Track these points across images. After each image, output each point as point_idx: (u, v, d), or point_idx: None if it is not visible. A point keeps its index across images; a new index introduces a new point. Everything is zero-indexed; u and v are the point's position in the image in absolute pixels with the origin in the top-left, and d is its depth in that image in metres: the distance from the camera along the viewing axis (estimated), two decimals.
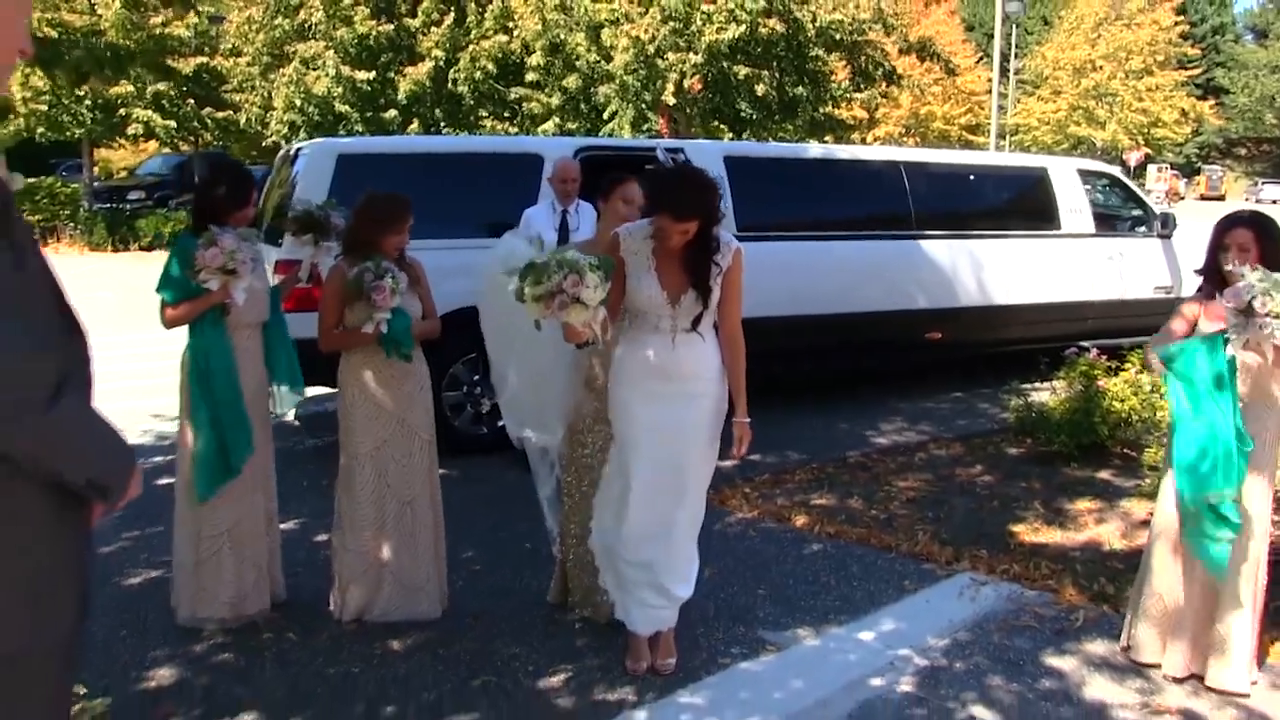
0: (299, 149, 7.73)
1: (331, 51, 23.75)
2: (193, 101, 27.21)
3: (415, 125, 24.62)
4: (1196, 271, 4.26)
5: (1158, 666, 4.14)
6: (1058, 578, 5.13)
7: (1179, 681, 4.05)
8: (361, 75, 23.47)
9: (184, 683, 4.06)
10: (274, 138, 26.32)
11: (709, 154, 8.37)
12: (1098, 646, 4.40)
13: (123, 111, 26.11)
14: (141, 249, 24.95)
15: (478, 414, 7.51)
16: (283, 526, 5.17)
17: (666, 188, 3.93)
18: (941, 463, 7.42)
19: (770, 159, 9.25)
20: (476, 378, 7.40)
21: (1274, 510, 4.24)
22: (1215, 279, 4.06)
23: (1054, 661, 4.27)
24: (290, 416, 6.93)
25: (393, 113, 24.19)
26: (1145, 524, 4.86)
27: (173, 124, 26.41)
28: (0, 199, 1.93)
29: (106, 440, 2.07)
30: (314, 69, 24.58)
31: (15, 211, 1.95)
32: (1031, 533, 5.89)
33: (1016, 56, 58.07)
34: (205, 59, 27.05)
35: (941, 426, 8.50)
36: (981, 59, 59.55)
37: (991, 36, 41.07)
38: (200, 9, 25.23)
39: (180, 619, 4.58)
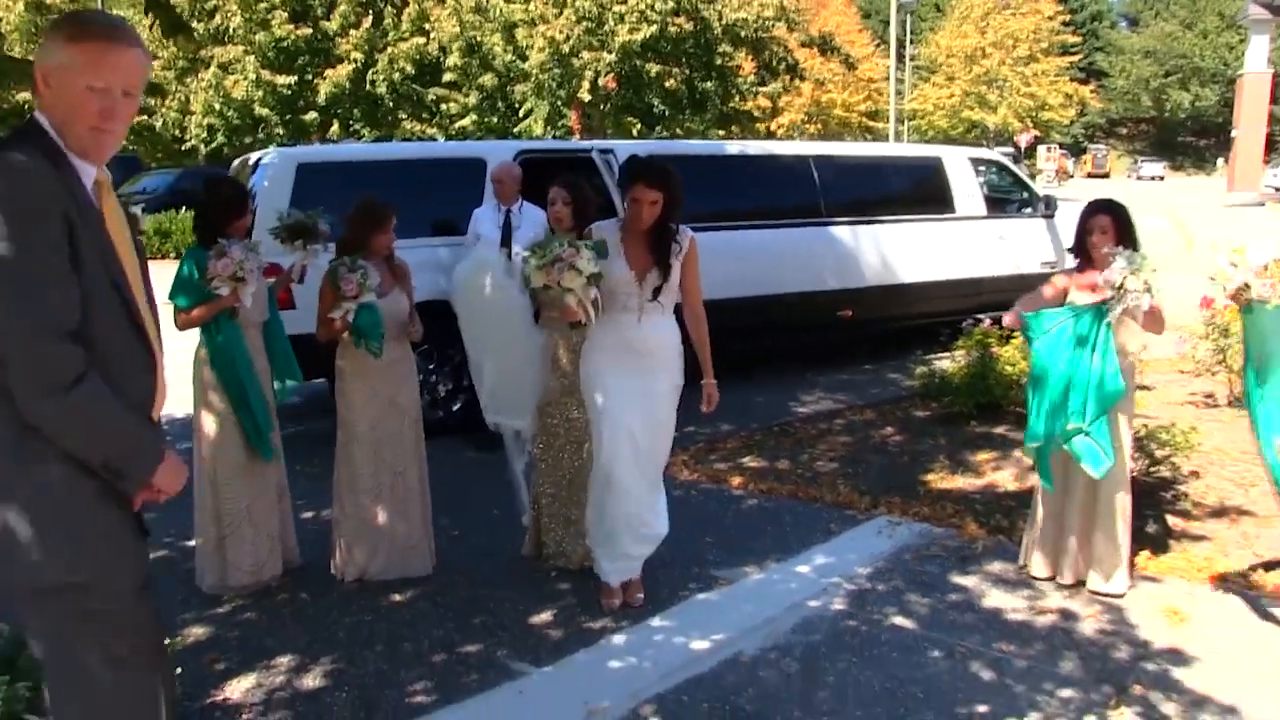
0: (259, 159, 8.17)
1: (251, 56, 23.96)
2: None
3: (335, 127, 24.92)
4: (1069, 250, 5.03)
5: (1052, 579, 4.90)
6: (961, 516, 5.88)
7: (1068, 588, 4.81)
8: (282, 80, 23.74)
9: (217, 638, 4.56)
10: (192, 141, 26.38)
11: (635, 151, 9.03)
12: (994, 568, 5.14)
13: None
14: None
15: (434, 399, 8.02)
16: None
17: (641, 164, 4.62)
18: (857, 427, 8.14)
19: (692, 156, 9.85)
20: (431, 366, 7.91)
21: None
22: (1083, 255, 4.85)
23: (958, 580, 5.01)
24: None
25: (313, 115, 24.48)
26: (1034, 468, 5.64)
27: None
28: (68, 209, 2.29)
29: (126, 432, 2.42)
30: (232, 73, 24.71)
31: (86, 231, 2.33)
32: (938, 481, 6.64)
33: (912, 43, 59.44)
34: None
35: (855, 395, 9.22)
36: (879, 45, 60.92)
37: (888, 24, 42.25)
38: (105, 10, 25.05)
39: (206, 587, 5.05)
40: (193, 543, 5.30)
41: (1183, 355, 8.70)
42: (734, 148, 10.68)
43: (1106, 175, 72.19)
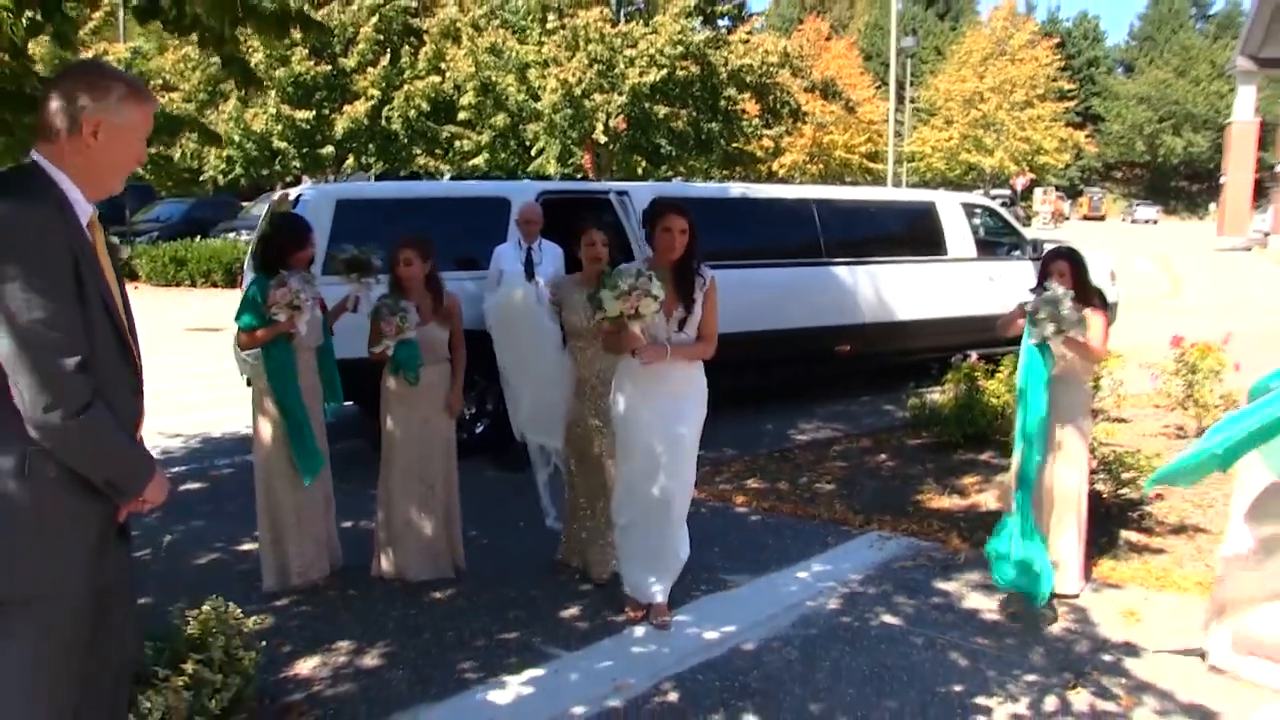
0: (299, 195, 8.74)
1: (272, 91, 24.63)
2: None
3: (350, 161, 25.58)
4: (1030, 290, 5.61)
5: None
6: (946, 532, 6.45)
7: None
8: (301, 114, 24.39)
9: (279, 627, 5.04)
10: (210, 172, 27.01)
11: (649, 194, 9.62)
12: (974, 576, 5.67)
13: None
14: None
15: (459, 423, 8.53)
16: None
17: (668, 199, 5.15)
18: (852, 453, 8.69)
19: (701, 199, 10.44)
20: None
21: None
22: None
23: (941, 586, 5.56)
24: None
25: (329, 149, 25.14)
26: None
27: None
28: (74, 249, 2.52)
29: (124, 453, 2.64)
30: (252, 107, 25.38)
31: (85, 267, 2.55)
32: (926, 501, 7.20)
33: (912, 85, 60.28)
34: None
35: (851, 424, 9.78)
36: (880, 87, 61.75)
37: (888, 65, 42.98)
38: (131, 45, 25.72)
39: (266, 587, 5.52)
40: (245, 547, 5.85)
41: (1158, 391, 9.27)
42: (738, 190, 11.26)
43: (1102, 218, 72.98)
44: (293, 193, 9.14)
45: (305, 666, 4.58)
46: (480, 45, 23.54)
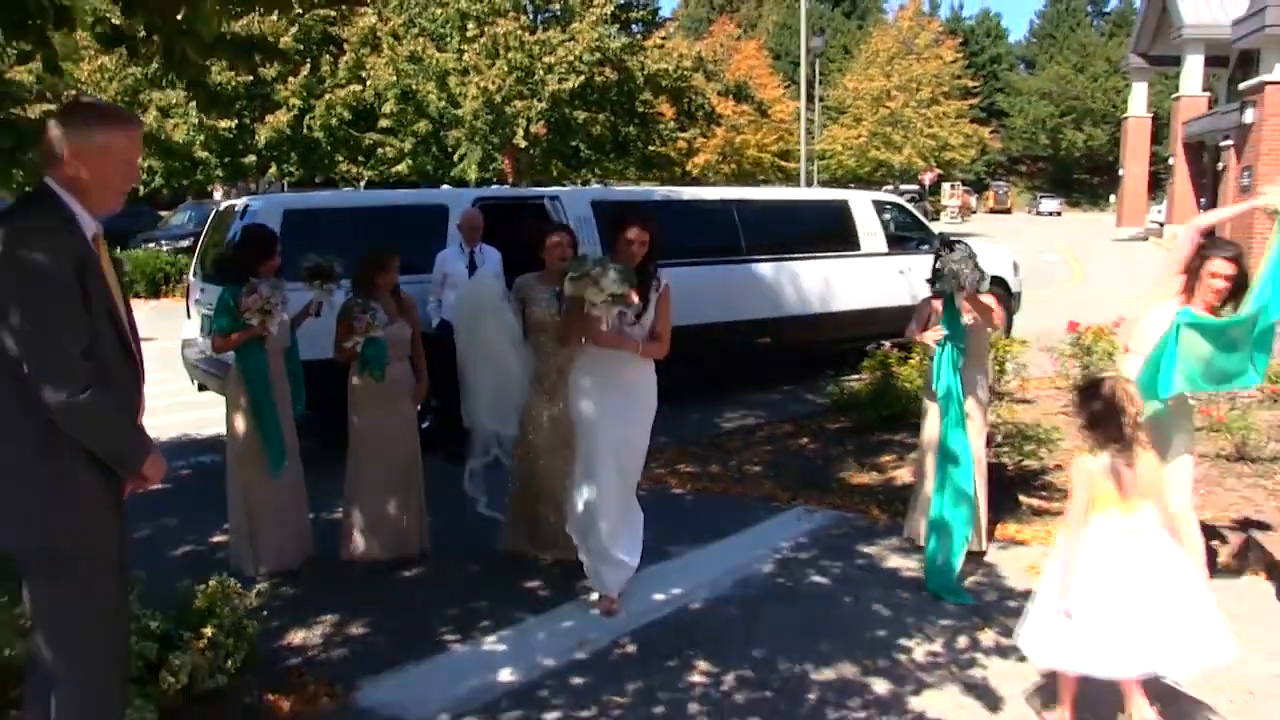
0: (247, 205, 9.09)
1: (192, 101, 24.60)
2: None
3: (273, 169, 25.67)
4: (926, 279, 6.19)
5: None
6: (866, 504, 7.04)
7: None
8: (224, 124, 24.40)
9: (265, 606, 5.37)
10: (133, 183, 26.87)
11: (580, 199, 10.15)
12: (893, 541, 6.27)
13: None
14: None
15: None
16: None
17: (632, 211, 5.63)
18: (777, 437, 9.26)
19: (627, 201, 11.00)
20: None
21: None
22: None
23: (864, 550, 6.15)
24: None
25: (251, 158, 25.19)
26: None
27: (19, 171, 26.45)
28: (79, 259, 2.91)
29: (123, 430, 3.05)
30: (172, 117, 25.34)
31: (89, 276, 2.94)
32: (848, 478, 7.79)
33: (821, 84, 61.36)
34: (50, 106, 27.13)
35: (774, 412, 10.35)
36: (789, 87, 62.70)
37: (797, 64, 43.82)
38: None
39: (242, 573, 5.82)
40: (217, 539, 6.26)
41: (1057, 373, 10.00)
42: (661, 192, 11.80)
43: (1008, 211, 74.70)
44: (239, 203, 9.49)
45: (296, 637, 5.01)
46: (400, 54, 23.83)
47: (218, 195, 29.61)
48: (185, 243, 28.06)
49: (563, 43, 22.60)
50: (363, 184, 31.97)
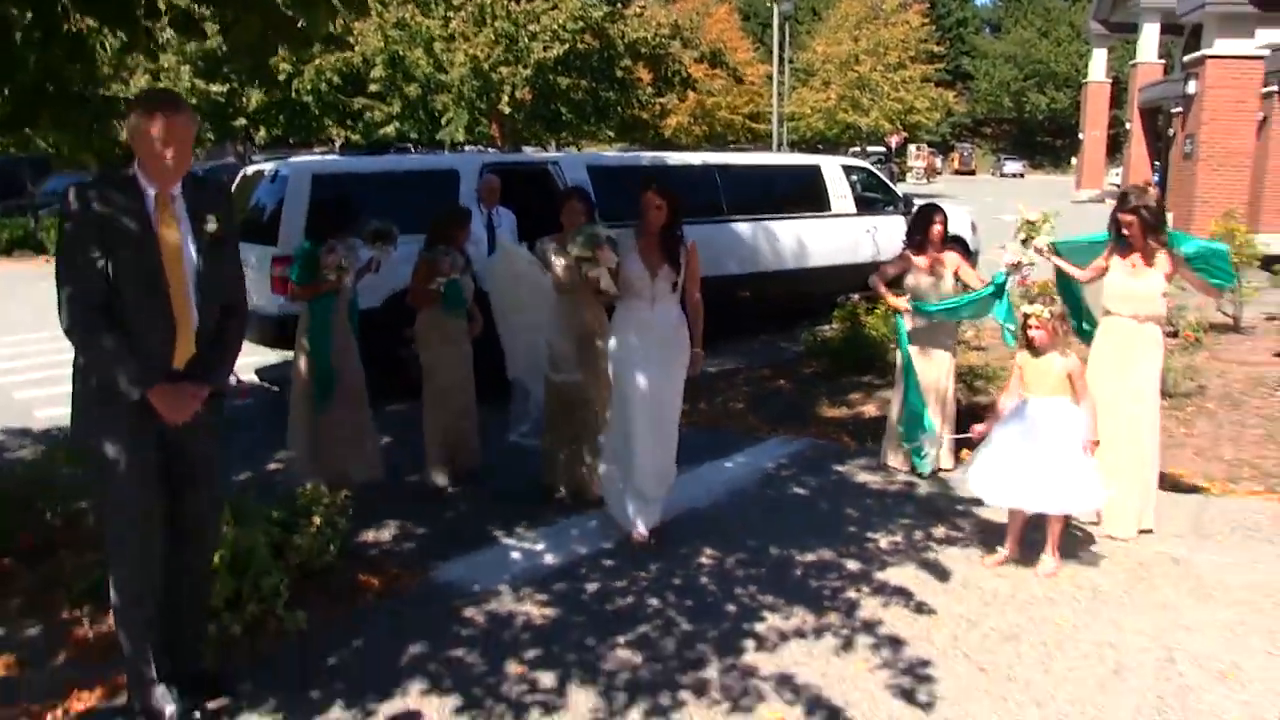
0: (277, 170, 9.94)
1: (186, 66, 25.22)
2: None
3: (262, 132, 26.33)
4: (906, 236, 7.20)
5: (902, 470, 7.06)
6: (838, 433, 8.09)
7: (912, 473, 6.98)
8: (215, 88, 25.02)
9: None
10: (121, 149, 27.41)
11: (577, 163, 11.08)
12: (862, 462, 7.29)
13: None
14: None
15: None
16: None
17: (653, 179, 6.09)
18: (756, 380, 10.26)
19: (619, 166, 11.87)
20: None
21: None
22: (924, 240, 7.00)
23: (838, 469, 7.18)
24: None
25: (241, 121, 25.83)
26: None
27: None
28: (102, 230, 3.50)
29: (120, 363, 3.52)
30: (163, 81, 25.88)
31: (123, 236, 3.51)
32: (822, 412, 8.83)
33: (790, 48, 62.12)
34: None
35: (754, 359, 11.33)
36: (758, 48, 63.44)
37: (766, 26, 44.76)
38: None
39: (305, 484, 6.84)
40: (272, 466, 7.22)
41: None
42: (649, 157, 12.74)
43: (972, 172, 75.89)
44: (266, 168, 10.33)
45: (370, 536, 5.96)
46: (388, 20, 24.47)
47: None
48: None
49: (546, 11, 23.34)
50: (339, 144, 32.59)
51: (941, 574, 5.34)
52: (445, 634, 4.67)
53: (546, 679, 4.24)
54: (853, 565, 5.46)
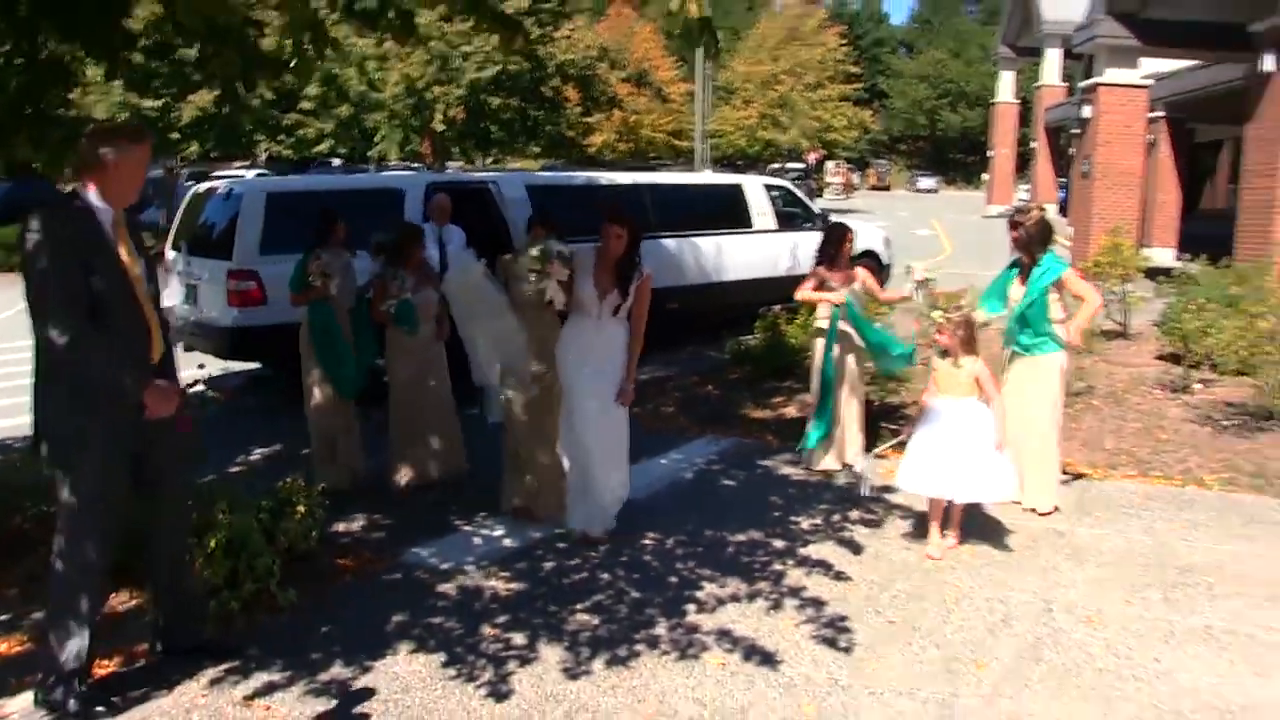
0: (231, 188, 10.39)
1: (118, 80, 25.28)
2: None
3: (194, 146, 26.49)
4: (818, 253, 7.87)
5: (827, 472, 7.71)
6: (761, 433, 8.77)
7: (833, 469, 7.65)
8: (149, 103, 25.15)
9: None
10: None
11: (516, 182, 11.65)
12: (784, 457, 7.95)
13: None
14: None
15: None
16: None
17: (612, 209, 6.24)
18: (686, 386, 10.90)
19: (556, 185, 12.48)
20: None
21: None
22: (836, 256, 7.68)
23: (761, 463, 7.85)
24: None
25: (175, 135, 25.99)
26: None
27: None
28: (79, 250, 3.89)
29: (130, 366, 3.96)
30: (91, 94, 25.91)
31: (99, 254, 3.92)
32: (747, 414, 9.50)
33: (711, 67, 63.12)
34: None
35: (683, 367, 11.95)
36: (680, 66, 64.38)
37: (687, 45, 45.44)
38: None
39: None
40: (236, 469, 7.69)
41: (920, 332, 11.81)
42: (582, 177, 13.35)
43: (888, 188, 77.53)
44: (219, 186, 10.79)
45: (341, 527, 6.48)
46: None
47: None
48: None
49: (480, 33, 23.68)
50: (263, 157, 32.75)
51: (856, 548, 6.02)
52: (423, 605, 5.25)
53: (518, 638, 4.84)
54: (778, 543, 6.12)
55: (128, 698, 4.27)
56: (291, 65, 5.92)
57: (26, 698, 4.21)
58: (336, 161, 44.15)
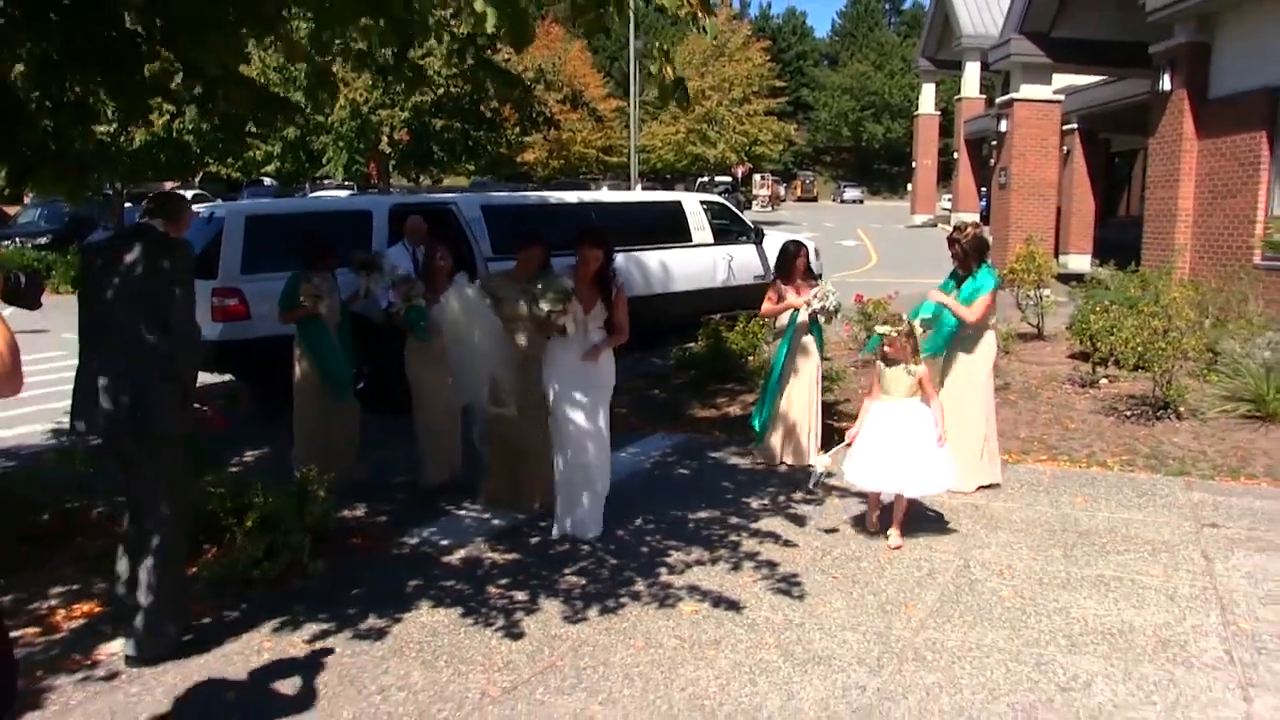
0: (213, 212, 11.04)
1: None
2: None
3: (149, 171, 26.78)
4: (776, 269, 8.73)
5: (778, 465, 8.57)
6: (709, 429, 9.66)
7: (783, 464, 8.52)
8: (100, 128, 25.34)
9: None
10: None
11: (473, 203, 12.42)
12: (731, 449, 8.85)
13: None
14: None
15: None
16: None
17: (588, 230, 6.91)
18: (635, 389, 11.69)
19: (509, 205, 13.24)
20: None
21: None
22: (793, 272, 8.54)
23: (711, 454, 8.74)
24: None
25: (125, 159, 26.19)
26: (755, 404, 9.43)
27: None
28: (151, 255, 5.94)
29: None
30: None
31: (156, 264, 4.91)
32: (694, 413, 10.39)
33: (639, 81, 64.12)
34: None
35: (631, 372, 12.71)
36: (607, 81, 65.37)
37: (614, 59, 46.57)
38: None
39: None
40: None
41: (850, 336, 12.83)
42: (534, 197, 14.18)
43: (814, 199, 79.08)
44: (202, 209, 11.43)
45: (346, 514, 7.25)
46: (269, 63, 25.31)
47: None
48: (43, 240, 28.96)
49: (421, 58, 24.50)
50: (197, 179, 33.07)
51: (801, 522, 6.94)
52: (433, 572, 6.08)
53: (520, 595, 5.69)
54: (734, 519, 7.02)
55: (205, 643, 5.10)
56: (307, 109, 6.64)
57: (119, 643, 5.00)
58: (269, 182, 44.59)
